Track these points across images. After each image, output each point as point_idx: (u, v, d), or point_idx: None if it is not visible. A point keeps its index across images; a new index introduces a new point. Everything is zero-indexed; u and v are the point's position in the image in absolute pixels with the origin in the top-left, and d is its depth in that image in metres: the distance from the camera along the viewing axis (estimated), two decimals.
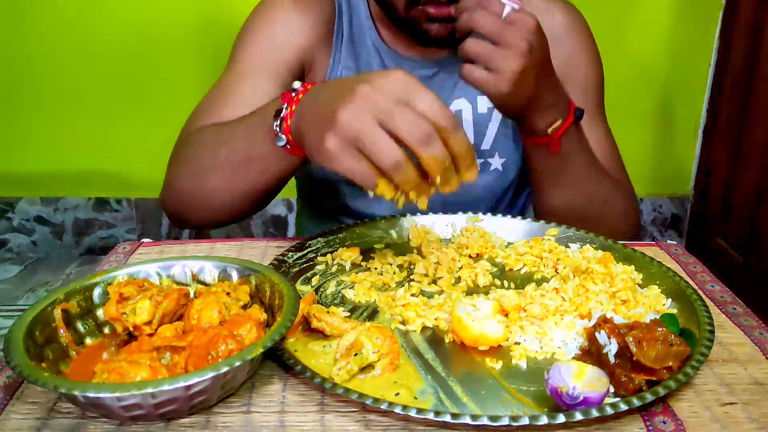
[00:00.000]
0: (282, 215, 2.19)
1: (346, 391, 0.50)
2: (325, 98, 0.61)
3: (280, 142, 0.67)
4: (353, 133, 0.56)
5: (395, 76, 0.58)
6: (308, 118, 0.63)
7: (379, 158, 0.56)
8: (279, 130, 0.67)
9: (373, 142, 0.56)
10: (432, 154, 0.57)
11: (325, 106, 0.59)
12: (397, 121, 0.56)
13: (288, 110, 0.66)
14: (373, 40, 0.97)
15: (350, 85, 0.59)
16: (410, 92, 0.57)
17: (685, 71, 2.06)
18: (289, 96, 0.67)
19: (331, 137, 0.57)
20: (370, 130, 0.56)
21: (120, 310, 0.55)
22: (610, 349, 0.53)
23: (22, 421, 0.49)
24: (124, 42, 1.97)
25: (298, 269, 0.72)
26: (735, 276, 1.85)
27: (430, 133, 0.56)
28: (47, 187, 2.15)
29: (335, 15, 0.97)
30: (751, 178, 1.81)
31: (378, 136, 0.56)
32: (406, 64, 0.97)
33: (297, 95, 0.66)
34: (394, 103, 0.56)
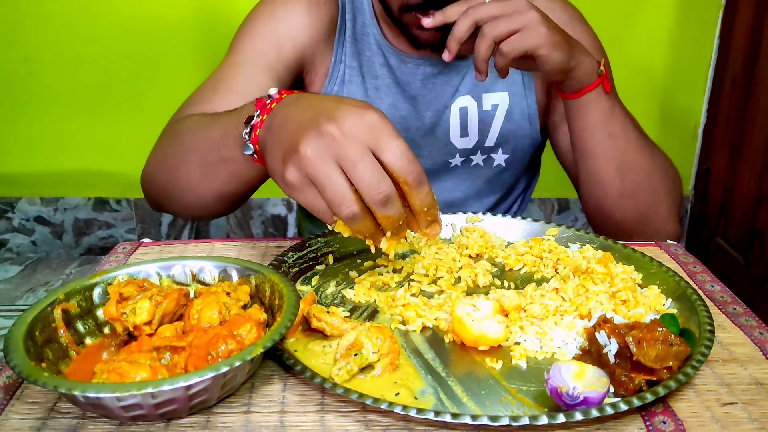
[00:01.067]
0: (282, 215, 2.20)
1: (346, 391, 0.50)
2: (295, 120, 0.58)
3: (247, 151, 0.64)
4: (313, 172, 0.55)
5: (368, 118, 0.56)
6: (274, 136, 0.60)
7: (336, 208, 0.55)
8: (248, 138, 0.64)
9: (333, 191, 0.55)
10: (388, 214, 0.56)
11: (293, 132, 0.57)
12: (358, 174, 0.54)
13: (259, 119, 0.63)
14: (376, 38, 0.97)
15: (321, 114, 0.56)
16: (380, 139, 0.55)
17: (685, 71, 2.06)
18: (263, 103, 0.64)
19: (292, 169, 0.56)
20: (330, 176, 0.54)
21: (120, 310, 0.55)
22: (610, 349, 0.53)
23: (22, 421, 0.49)
24: (124, 42, 1.97)
25: (298, 269, 0.72)
26: (735, 276, 1.85)
27: (389, 194, 0.55)
28: (47, 187, 2.15)
29: (339, 13, 0.97)
30: (751, 178, 1.81)
31: (337, 186, 0.55)
32: (410, 62, 0.97)
33: (271, 103, 0.63)
34: (360, 151, 0.54)
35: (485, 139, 1.01)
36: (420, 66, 0.97)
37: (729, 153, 1.94)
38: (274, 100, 0.63)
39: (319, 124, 0.55)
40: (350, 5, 0.98)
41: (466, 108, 1.00)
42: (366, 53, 0.98)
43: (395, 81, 0.99)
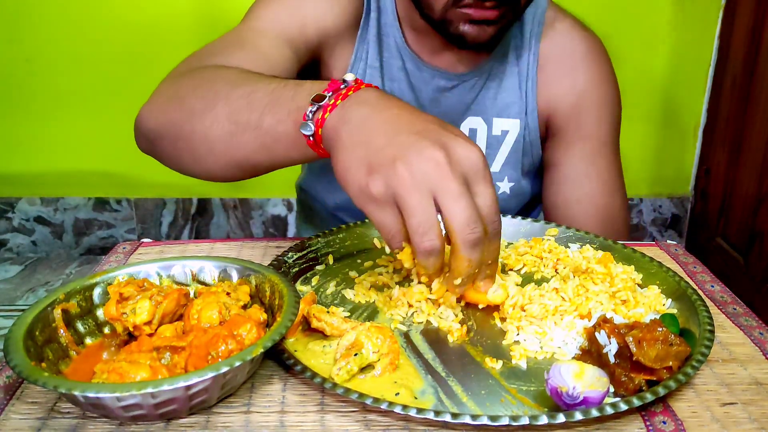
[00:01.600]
0: (282, 215, 2.19)
1: (346, 391, 0.50)
2: (390, 128, 0.54)
3: (305, 130, 0.58)
4: (406, 194, 0.51)
5: (475, 155, 0.52)
6: (356, 135, 0.55)
7: (418, 237, 0.52)
8: (311, 117, 0.58)
9: (422, 220, 0.51)
10: (470, 257, 0.54)
11: (387, 141, 0.53)
12: (458, 210, 0.51)
13: (331, 101, 0.58)
14: (396, 40, 0.94)
15: (426, 133, 0.52)
16: (479, 181, 0.53)
17: (685, 71, 2.06)
18: (337, 86, 0.59)
19: (379, 182, 0.52)
20: (422, 203, 0.51)
21: (120, 310, 0.55)
22: (610, 349, 0.53)
23: (22, 421, 0.49)
24: (124, 42, 1.97)
25: (298, 269, 0.72)
26: (735, 276, 1.85)
27: (481, 237, 0.53)
28: (47, 187, 2.15)
29: (363, 10, 0.94)
30: (751, 178, 1.81)
31: (428, 215, 0.51)
32: (426, 71, 0.94)
33: (347, 90, 0.58)
34: (463, 187, 0.51)
35: (490, 164, 0.98)
36: (435, 77, 0.95)
37: (729, 153, 1.94)
38: (350, 87, 0.59)
39: (424, 145, 0.51)
40: (375, 3, 0.94)
41: (475, 130, 0.97)
42: (385, 54, 0.95)
43: (410, 87, 0.96)
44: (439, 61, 0.95)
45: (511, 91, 0.97)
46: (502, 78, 0.97)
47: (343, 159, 0.55)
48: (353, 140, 0.55)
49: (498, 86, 0.97)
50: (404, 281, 0.71)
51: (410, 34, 0.94)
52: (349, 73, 0.60)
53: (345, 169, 0.55)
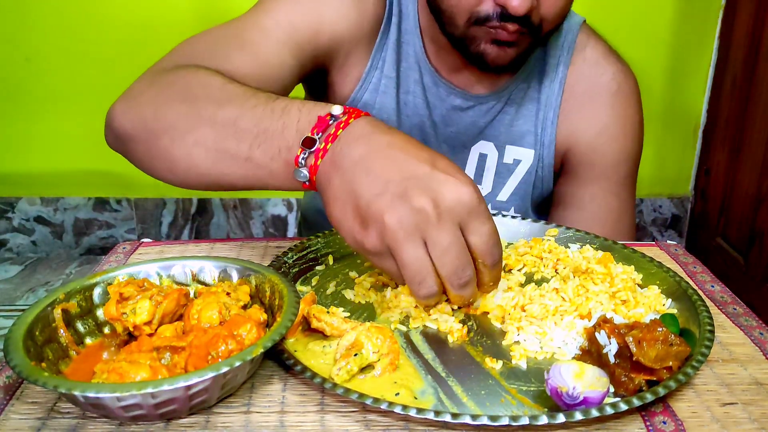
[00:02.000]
0: (282, 215, 2.19)
1: (346, 391, 0.50)
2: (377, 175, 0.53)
3: (299, 177, 0.58)
4: (397, 248, 0.52)
5: (465, 197, 0.52)
6: (347, 184, 0.54)
7: (414, 286, 0.54)
8: (303, 163, 0.57)
9: (415, 271, 0.53)
10: (464, 295, 0.56)
11: (375, 192, 0.52)
12: (446, 260, 0.52)
13: (321, 145, 0.56)
14: (416, 50, 0.89)
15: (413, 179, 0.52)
16: (471, 218, 0.53)
17: (685, 71, 2.06)
18: (325, 124, 0.57)
19: (373, 237, 0.53)
20: (414, 256, 0.52)
21: (120, 310, 0.55)
22: (610, 349, 0.53)
23: (22, 421, 0.49)
24: (123, 42, 1.97)
25: (298, 269, 0.72)
26: (735, 276, 1.85)
27: (470, 279, 0.55)
28: (47, 187, 2.15)
29: (385, 14, 0.88)
30: (751, 178, 1.81)
31: (421, 267, 0.52)
32: (444, 88, 0.90)
33: (336, 128, 0.56)
34: (451, 236, 0.52)
35: (498, 193, 0.95)
36: (451, 95, 0.90)
37: (729, 153, 1.94)
38: (339, 123, 0.57)
39: (410, 195, 0.51)
40: (397, 7, 0.88)
41: (486, 155, 0.94)
42: (403, 64, 0.90)
43: (425, 101, 0.91)
44: (458, 79, 0.91)
45: (529, 119, 0.93)
46: (521, 104, 0.93)
47: (336, 212, 0.55)
48: (344, 190, 0.54)
49: (515, 112, 0.93)
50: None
51: (431, 46, 0.90)
52: (336, 106, 0.59)
53: (338, 221, 0.55)
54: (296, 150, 0.58)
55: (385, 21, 0.88)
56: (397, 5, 0.89)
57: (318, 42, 0.83)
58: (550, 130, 0.93)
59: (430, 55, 0.90)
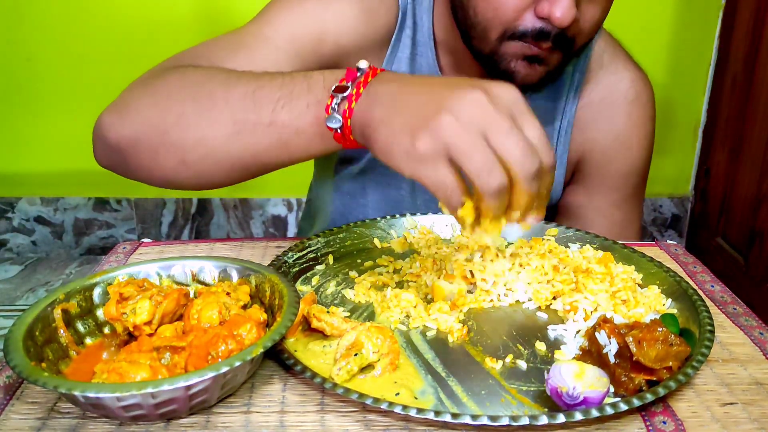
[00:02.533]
0: (282, 215, 2.19)
1: (346, 391, 0.50)
2: (423, 92, 0.53)
3: (332, 123, 0.57)
4: (457, 140, 0.49)
5: (511, 90, 0.51)
6: (391, 109, 0.53)
7: (484, 178, 0.50)
8: (336, 109, 0.56)
9: (482, 159, 0.50)
10: (532, 190, 0.52)
11: (422, 102, 0.52)
12: (511, 144, 0.50)
13: (354, 90, 0.56)
14: (429, 63, 0.86)
15: (459, 83, 0.52)
16: (522, 113, 0.51)
17: (685, 71, 2.06)
18: (353, 75, 0.57)
19: (426, 138, 0.50)
20: (477, 144, 0.49)
21: (120, 310, 0.55)
22: (610, 349, 0.53)
23: (22, 421, 0.49)
24: (124, 42, 1.97)
25: (298, 269, 0.72)
26: (735, 276, 1.85)
27: (540, 167, 0.52)
28: (47, 187, 2.15)
29: (396, 24, 0.84)
30: (751, 178, 1.81)
31: (486, 154, 0.50)
32: None
33: (365, 77, 0.57)
34: (510, 121, 0.50)
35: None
36: None
37: (729, 153, 1.94)
38: (367, 74, 0.57)
39: (462, 92, 0.50)
40: (411, 19, 0.84)
41: None
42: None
43: None
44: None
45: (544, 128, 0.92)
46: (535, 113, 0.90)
47: (384, 134, 0.53)
48: (389, 114, 0.53)
49: None
50: (404, 281, 0.71)
51: (446, 58, 0.87)
52: (362, 61, 0.58)
53: (388, 143, 0.53)
54: (325, 100, 0.57)
55: (397, 32, 0.85)
56: (411, 16, 0.85)
57: (321, 52, 0.80)
58: (564, 139, 0.91)
59: (444, 66, 0.88)
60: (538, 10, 0.72)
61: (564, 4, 0.70)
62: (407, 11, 0.85)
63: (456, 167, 0.51)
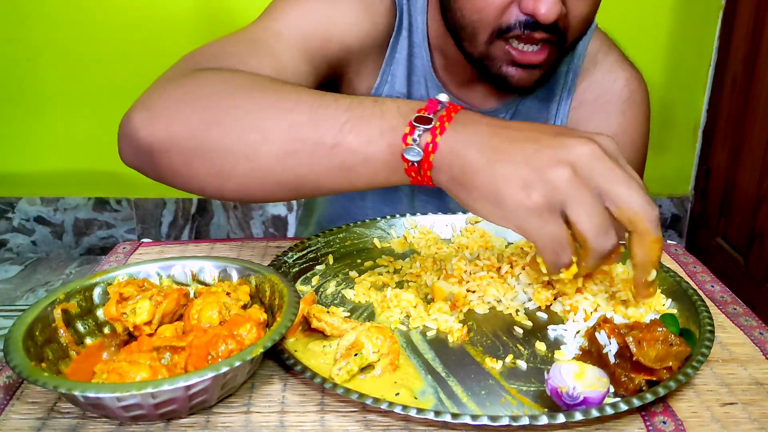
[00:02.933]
0: (282, 215, 2.19)
1: (346, 391, 0.50)
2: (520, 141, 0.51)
3: (411, 155, 0.53)
4: (574, 196, 0.48)
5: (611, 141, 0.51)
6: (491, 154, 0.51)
7: (597, 237, 0.49)
8: (417, 140, 0.52)
9: (598, 218, 0.48)
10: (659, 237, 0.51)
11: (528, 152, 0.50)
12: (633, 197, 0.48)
13: (438, 124, 0.52)
14: (424, 65, 0.86)
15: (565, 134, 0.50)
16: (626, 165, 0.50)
17: (685, 71, 2.06)
18: (435, 106, 0.54)
19: (539, 191, 0.48)
20: (596, 203, 0.48)
21: (120, 310, 0.55)
22: (610, 349, 0.53)
23: (22, 421, 0.49)
24: (124, 41, 1.97)
25: (298, 269, 0.72)
26: (735, 276, 1.85)
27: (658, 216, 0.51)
28: (47, 187, 2.15)
29: (394, 27, 0.84)
30: (751, 178, 1.81)
31: (605, 215, 0.48)
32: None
33: (447, 111, 0.53)
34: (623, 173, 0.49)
35: None
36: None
37: (729, 153, 1.94)
38: (449, 109, 0.54)
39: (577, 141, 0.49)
40: (407, 19, 0.84)
41: None
42: (413, 78, 0.86)
43: None
44: (467, 95, 0.88)
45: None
46: (528, 115, 0.90)
47: (487, 181, 0.50)
48: (490, 159, 0.50)
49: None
50: (404, 281, 0.71)
51: (439, 60, 0.86)
52: (442, 94, 0.55)
53: (493, 191, 0.50)
54: (403, 128, 0.53)
55: (395, 34, 0.85)
56: (407, 18, 0.85)
57: (328, 50, 0.79)
58: None
59: (438, 68, 0.87)
60: (523, 6, 0.71)
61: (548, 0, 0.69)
62: (404, 11, 0.84)
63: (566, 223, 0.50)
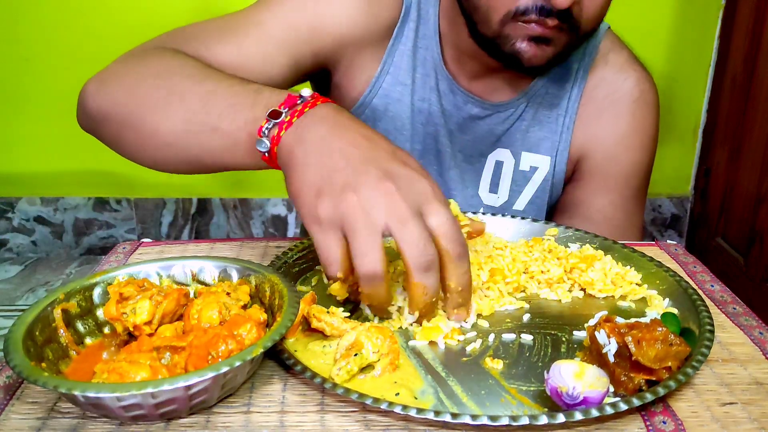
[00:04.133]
0: (282, 215, 2.19)
1: (346, 391, 0.50)
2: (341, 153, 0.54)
3: (260, 146, 0.59)
4: (351, 218, 0.52)
5: (424, 182, 0.54)
6: (309, 157, 0.55)
7: (359, 258, 0.52)
8: (266, 133, 0.58)
9: (365, 241, 0.52)
10: (426, 284, 0.53)
11: (337, 167, 0.54)
12: (407, 233, 0.52)
13: (287, 118, 0.58)
14: (434, 57, 0.86)
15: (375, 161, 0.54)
16: (429, 202, 0.53)
17: (685, 71, 2.06)
18: (293, 101, 0.59)
19: (328, 204, 0.53)
20: (369, 229, 0.52)
21: (120, 310, 0.55)
22: (609, 349, 0.53)
23: (22, 421, 0.49)
24: (123, 41, 1.96)
25: (298, 269, 0.72)
26: (735, 276, 1.85)
27: (434, 259, 0.53)
28: (47, 187, 2.15)
29: (400, 16, 0.84)
30: (751, 178, 1.81)
31: (373, 237, 0.52)
32: (461, 96, 0.87)
33: (303, 106, 0.58)
34: (411, 211, 0.52)
35: (514, 202, 0.93)
36: (468, 103, 0.87)
37: (729, 153, 1.94)
38: (307, 103, 0.58)
39: (374, 175, 0.53)
40: (415, 12, 0.84)
41: (502, 163, 0.90)
42: (419, 70, 0.86)
43: (441, 109, 0.88)
44: (476, 87, 0.88)
45: (546, 125, 0.90)
46: (538, 110, 0.90)
47: (296, 180, 0.56)
48: (307, 162, 0.56)
49: (532, 118, 0.90)
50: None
51: (450, 52, 0.86)
52: (306, 89, 0.60)
53: (297, 189, 0.56)
54: (261, 121, 0.59)
55: (399, 25, 0.85)
56: (416, 9, 0.85)
57: (318, 43, 0.81)
58: (566, 135, 0.90)
59: (448, 61, 0.87)
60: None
61: None
62: (412, 3, 0.85)
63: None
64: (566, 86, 0.90)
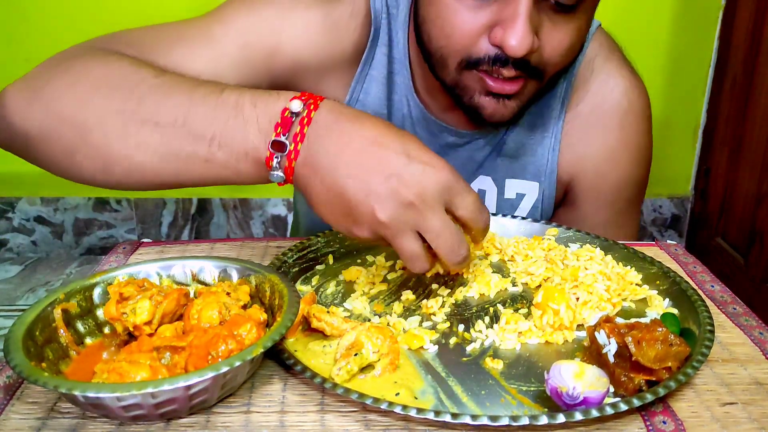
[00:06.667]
0: (282, 215, 2.19)
1: (346, 391, 0.50)
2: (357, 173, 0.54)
3: (275, 179, 0.57)
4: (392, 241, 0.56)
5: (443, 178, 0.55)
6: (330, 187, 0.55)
7: (409, 263, 0.57)
8: (277, 167, 0.56)
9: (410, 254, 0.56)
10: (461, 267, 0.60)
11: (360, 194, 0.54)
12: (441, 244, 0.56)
13: (292, 146, 0.55)
14: (405, 83, 0.80)
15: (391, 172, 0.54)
16: (453, 195, 0.56)
17: (685, 72, 2.06)
18: (289, 123, 0.55)
19: (365, 230, 0.56)
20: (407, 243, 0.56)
21: (120, 310, 0.55)
22: (609, 349, 0.53)
23: (22, 421, 0.49)
24: None
25: (298, 269, 0.72)
26: (735, 276, 1.85)
27: (467, 255, 0.58)
28: (47, 187, 2.15)
29: (368, 42, 0.78)
30: (751, 178, 1.81)
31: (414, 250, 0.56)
32: (434, 125, 0.81)
33: (301, 125, 0.55)
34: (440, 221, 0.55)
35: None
36: (443, 132, 0.82)
37: (729, 153, 1.94)
38: (303, 120, 0.55)
39: (396, 192, 0.54)
40: (386, 35, 0.78)
41: (484, 191, 0.85)
42: (394, 96, 0.81)
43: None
44: (450, 117, 0.82)
45: (530, 148, 0.84)
46: (521, 133, 0.84)
47: (325, 212, 0.58)
48: (328, 193, 0.56)
49: (514, 142, 0.84)
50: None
51: (420, 81, 0.80)
52: (294, 101, 0.56)
53: (328, 220, 0.58)
54: (264, 151, 0.57)
55: (368, 49, 0.79)
56: (386, 32, 0.78)
57: (274, 65, 0.75)
58: (552, 157, 0.84)
59: (420, 89, 0.81)
60: (492, 38, 0.66)
61: (519, 32, 0.63)
62: (381, 27, 0.78)
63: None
64: (550, 103, 0.83)
